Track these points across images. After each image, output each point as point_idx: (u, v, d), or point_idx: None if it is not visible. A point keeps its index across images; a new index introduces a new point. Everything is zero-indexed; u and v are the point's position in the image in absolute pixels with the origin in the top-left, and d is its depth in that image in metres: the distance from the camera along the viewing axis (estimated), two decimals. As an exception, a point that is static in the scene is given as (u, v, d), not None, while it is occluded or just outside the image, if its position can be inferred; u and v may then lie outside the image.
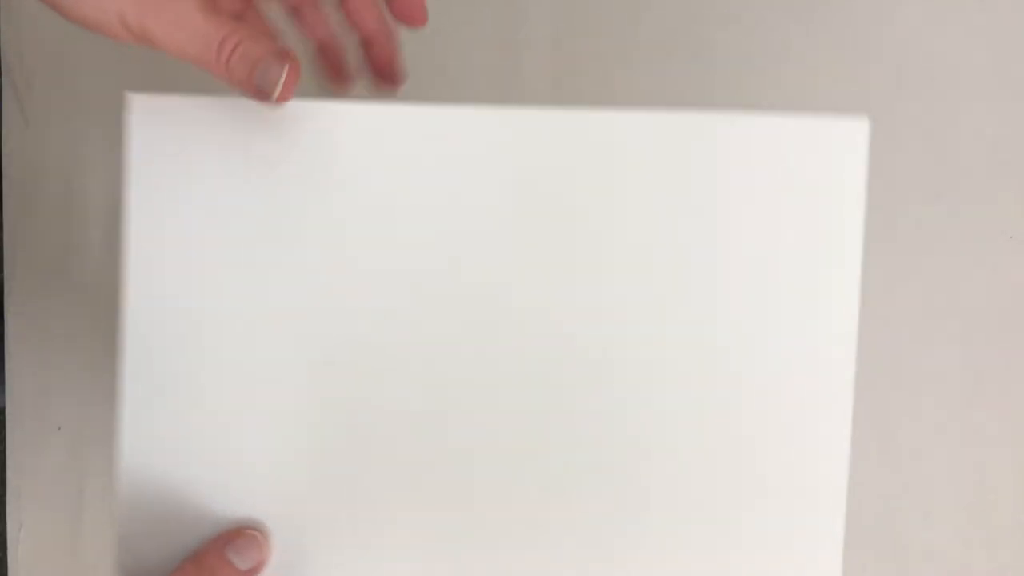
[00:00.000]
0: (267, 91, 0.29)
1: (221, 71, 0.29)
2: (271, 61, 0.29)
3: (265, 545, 0.32)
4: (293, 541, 0.32)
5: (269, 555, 0.32)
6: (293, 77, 0.30)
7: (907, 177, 0.48)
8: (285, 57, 0.29)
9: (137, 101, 0.31)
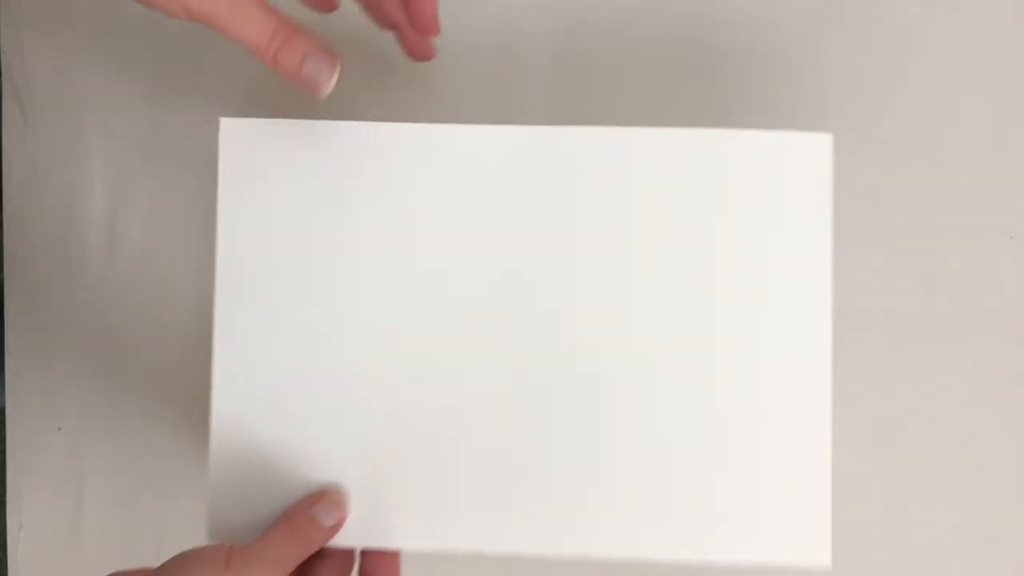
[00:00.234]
0: (317, 82, 0.34)
1: (268, 59, 0.33)
2: (320, 56, 0.33)
3: (345, 504, 0.37)
4: (367, 501, 0.37)
5: (348, 513, 0.37)
6: (335, 72, 0.34)
7: (906, 177, 0.48)
8: (331, 53, 0.33)
9: (226, 124, 0.37)
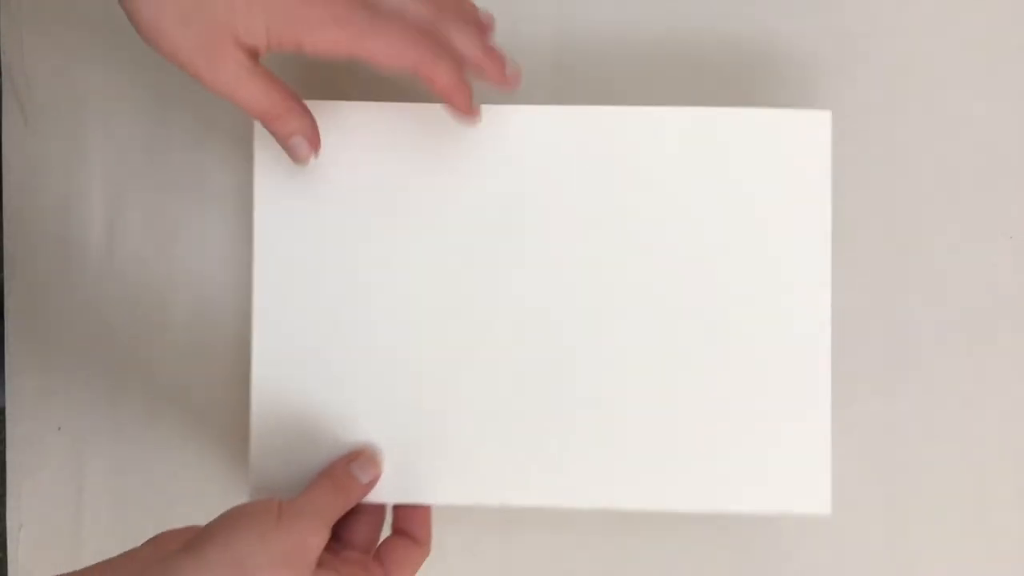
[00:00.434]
0: (297, 156, 0.38)
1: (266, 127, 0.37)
2: (301, 137, 0.37)
3: (380, 462, 0.39)
4: (400, 459, 0.40)
5: (383, 470, 0.39)
6: (313, 151, 0.38)
7: (907, 177, 0.48)
8: (312, 136, 0.38)
9: (260, 128, 0.38)
